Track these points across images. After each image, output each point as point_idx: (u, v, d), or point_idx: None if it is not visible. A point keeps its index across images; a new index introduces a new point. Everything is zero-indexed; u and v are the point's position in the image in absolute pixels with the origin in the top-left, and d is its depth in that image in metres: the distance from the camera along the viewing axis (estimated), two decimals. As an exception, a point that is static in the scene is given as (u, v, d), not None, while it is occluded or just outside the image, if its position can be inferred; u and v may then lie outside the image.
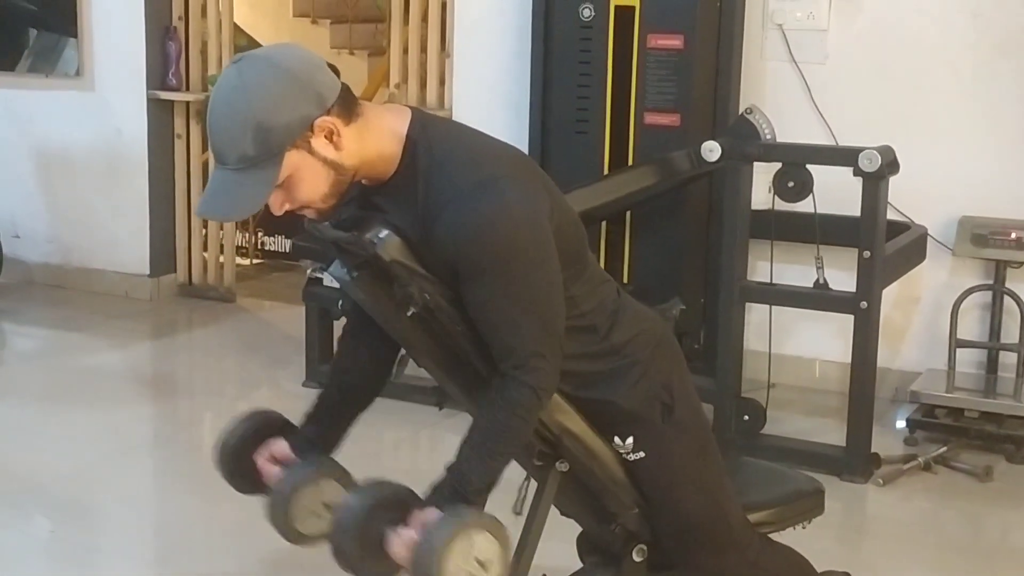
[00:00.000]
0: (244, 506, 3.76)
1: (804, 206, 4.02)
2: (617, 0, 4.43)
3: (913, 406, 4.36)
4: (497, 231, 2.00)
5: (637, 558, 2.37)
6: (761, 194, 4.14)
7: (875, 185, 3.82)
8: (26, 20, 6.19)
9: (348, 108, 2.04)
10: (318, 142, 2.01)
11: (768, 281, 4.19)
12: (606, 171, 4.50)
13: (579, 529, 2.53)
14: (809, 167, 3.96)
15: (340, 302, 4.19)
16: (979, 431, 4.19)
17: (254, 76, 1.98)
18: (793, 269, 4.25)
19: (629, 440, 2.27)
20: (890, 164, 3.87)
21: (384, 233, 2.06)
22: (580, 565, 2.55)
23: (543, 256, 2.06)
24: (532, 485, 2.38)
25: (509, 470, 2.42)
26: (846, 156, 3.89)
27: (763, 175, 4.09)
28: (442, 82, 5.47)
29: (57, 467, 3.99)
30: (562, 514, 2.44)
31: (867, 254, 3.83)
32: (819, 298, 4.03)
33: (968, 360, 4.53)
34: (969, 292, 4.47)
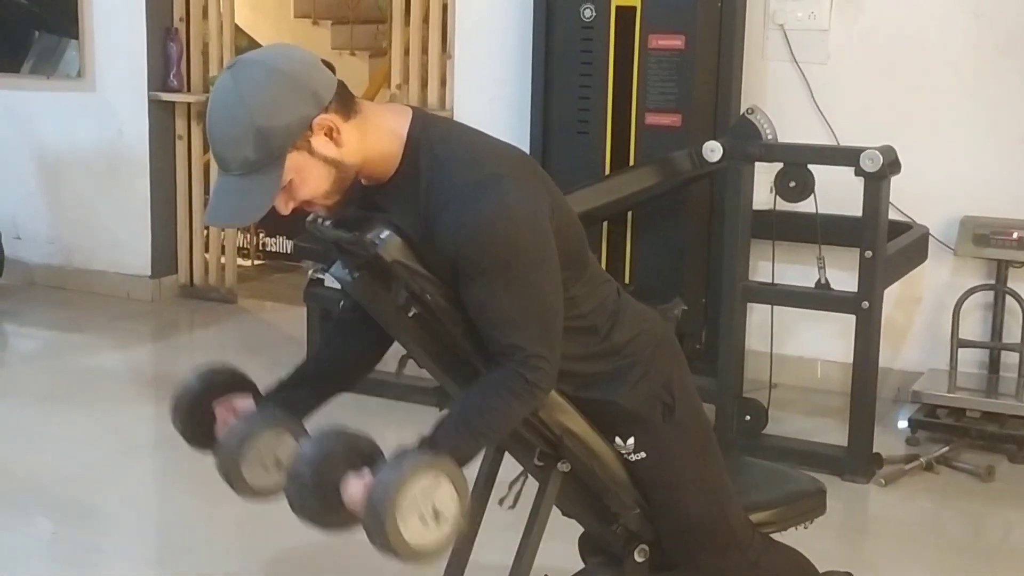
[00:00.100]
0: (245, 506, 3.77)
1: (806, 206, 4.02)
2: (618, 0, 4.43)
3: (915, 406, 4.36)
4: (498, 231, 2.00)
5: (639, 558, 2.37)
6: (763, 194, 4.14)
7: (877, 185, 3.82)
8: (28, 21, 6.20)
9: (346, 104, 2.04)
10: (318, 140, 2.01)
11: (770, 281, 4.19)
12: (607, 171, 4.50)
13: (581, 529, 2.53)
14: (810, 167, 3.95)
15: (341, 303, 4.19)
16: (981, 431, 4.18)
17: (249, 81, 1.97)
18: (795, 269, 4.24)
19: (630, 440, 2.27)
20: (892, 164, 3.86)
21: (385, 233, 2.06)
22: (582, 565, 2.55)
23: (543, 256, 2.06)
24: (527, 481, 2.38)
25: (504, 469, 2.43)
26: (848, 156, 3.89)
27: (764, 175, 4.09)
28: (443, 83, 5.47)
29: (58, 468, 3.99)
30: (564, 514, 2.44)
31: (869, 254, 3.83)
32: (821, 298, 4.03)
33: (970, 360, 4.52)
34: (971, 292, 4.47)
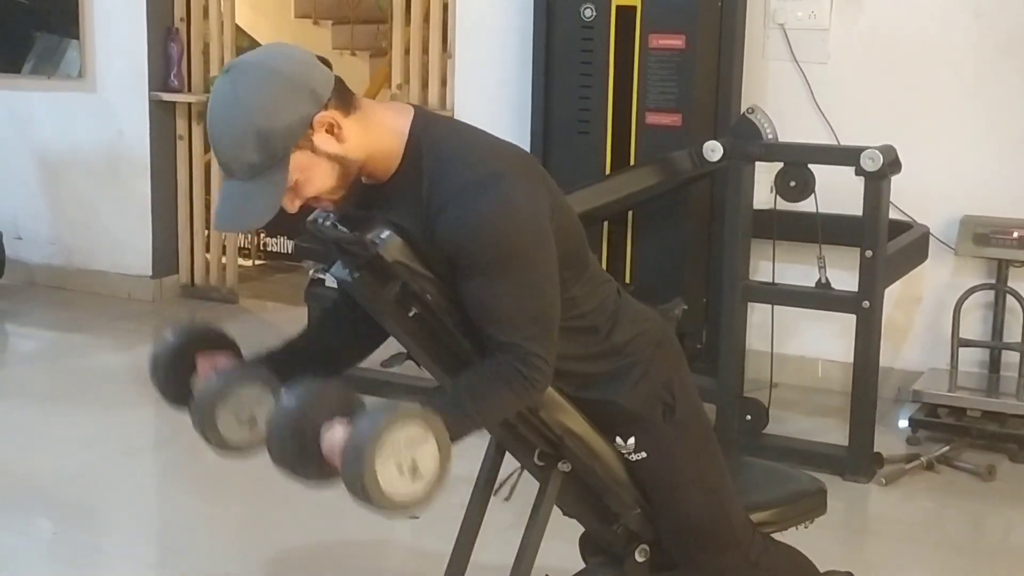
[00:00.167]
0: (246, 507, 3.78)
1: (806, 206, 4.01)
2: (618, 0, 4.43)
3: (915, 405, 4.36)
4: (499, 229, 2.00)
5: (639, 558, 2.37)
6: (763, 194, 4.13)
7: (877, 184, 3.82)
8: (28, 22, 6.19)
9: (345, 100, 2.04)
10: (320, 138, 2.01)
11: (770, 281, 4.19)
12: (608, 171, 4.50)
13: (581, 529, 2.53)
14: (811, 167, 3.95)
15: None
16: (981, 430, 4.18)
17: (246, 84, 1.97)
18: (795, 269, 4.24)
19: (631, 440, 2.27)
20: (892, 163, 3.86)
21: (386, 234, 2.06)
22: (582, 565, 2.55)
23: (543, 256, 2.06)
24: (524, 477, 2.37)
25: (505, 470, 2.43)
26: (848, 155, 3.89)
27: (765, 175, 4.09)
28: (444, 83, 5.47)
29: (59, 468, 3.99)
30: (564, 514, 2.44)
31: (869, 253, 3.83)
32: (821, 298, 4.03)
33: (970, 359, 4.52)
34: (971, 291, 4.47)
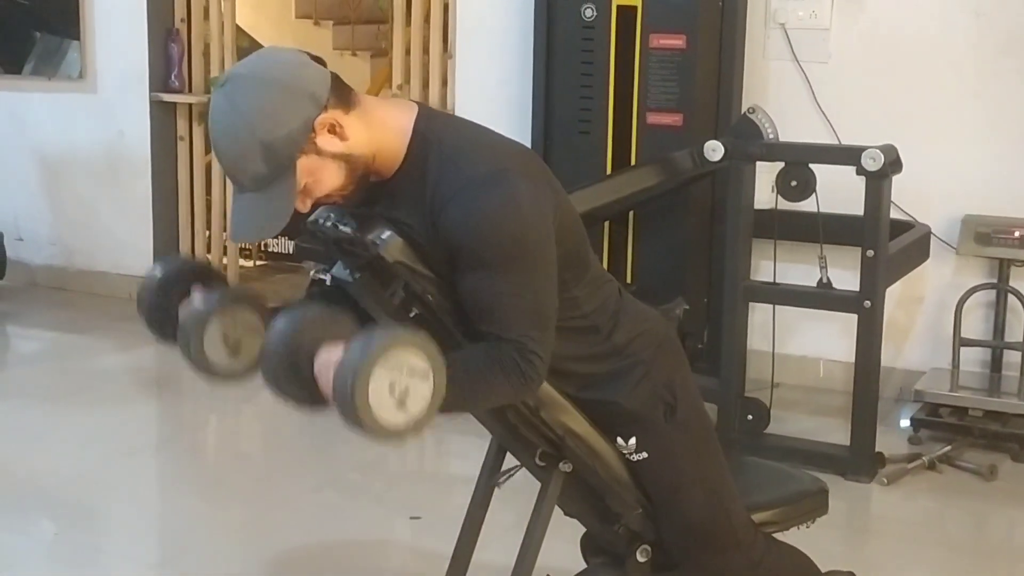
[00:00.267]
0: (247, 508, 3.78)
1: (807, 205, 4.01)
2: (619, 0, 4.43)
3: (917, 405, 4.36)
4: (503, 225, 2.00)
5: (641, 558, 2.37)
6: (764, 193, 4.13)
7: (878, 184, 3.82)
8: (29, 23, 6.20)
9: (344, 97, 2.04)
10: (323, 139, 2.01)
11: (771, 280, 4.19)
12: (609, 171, 4.50)
13: (583, 529, 2.52)
14: (812, 166, 3.95)
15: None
16: (983, 430, 4.18)
17: (243, 97, 1.97)
18: (796, 268, 4.24)
19: (632, 440, 2.27)
20: (893, 163, 3.86)
21: (386, 234, 2.06)
22: (584, 565, 2.55)
23: (544, 255, 2.06)
24: (525, 477, 2.37)
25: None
26: (849, 155, 3.89)
27: (766, 174, 4.08)
28: (444, 83, 5.47)
29: (60, 469, 3.99)
30: (566, 514, 2.44)
31: (870, 253, 3.83)
32: (823, 297, 4.03)
33: (972, 359, 4.52)
34: (973, 291, 4.47)
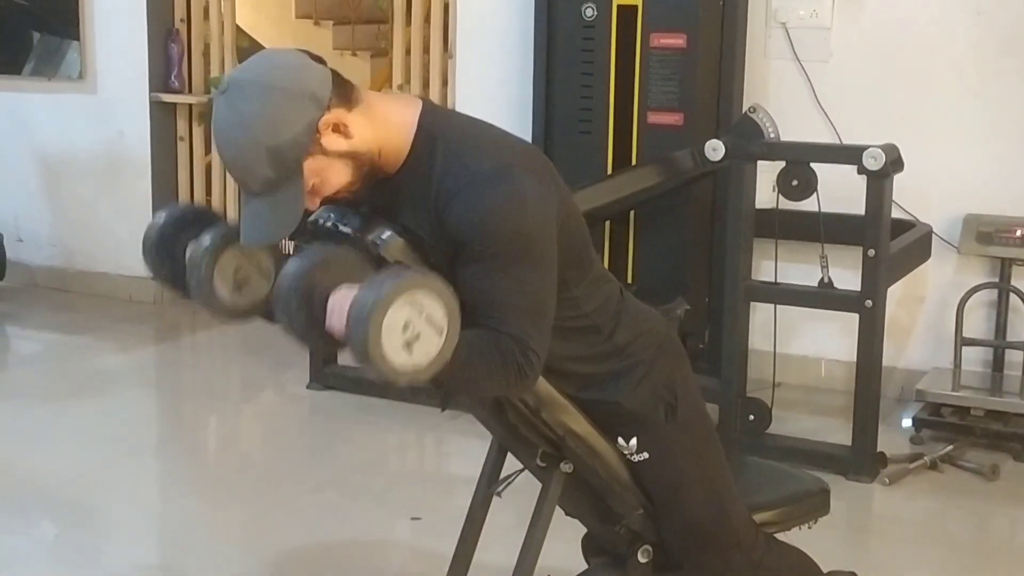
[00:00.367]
0: (248, 508, 3.78)
1: (808, 205, 4.01)
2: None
3: (919, 405, 4.35)
4: (508, 220, 2.00)
5: (642, 559, 2.36)
6: (765, 193, 4.12)
7: (879, 183, 3.81)
8: (28, 23, 6.19)
9: (346, 95, 2.03)
10: (329, 139, 2.00)
11: (772, 280, 4.18)
12: (609, 171, 4.49)
13: (583, 530, 2.52)
14: (813, 165, 3.95)
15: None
16: (985, 429, 4.18)
17: (245, 104, 1.96)
18: (798, 268, 4.23)
19: (633, 441, 2.26)
20: (894, 162, 3.86)
21: (387, 234, 2.05)
22: (585, 566, 2.54)
23: (547, 252, 2.05)
24: (526, 478, 2.37)
25: (507, 470, 2.43)
26: (850, 154, 3.88)
27: (767, 174, 4.08)
28: (445, 83, 5.47)
29: (61, 470, 3.98)
30: (566, 514, 2.44)
31: (872, 253, 3.82)
32: (824, 297, 4.03)
33: (974, 358, 4.51)
34: (974, 290, 4.46)
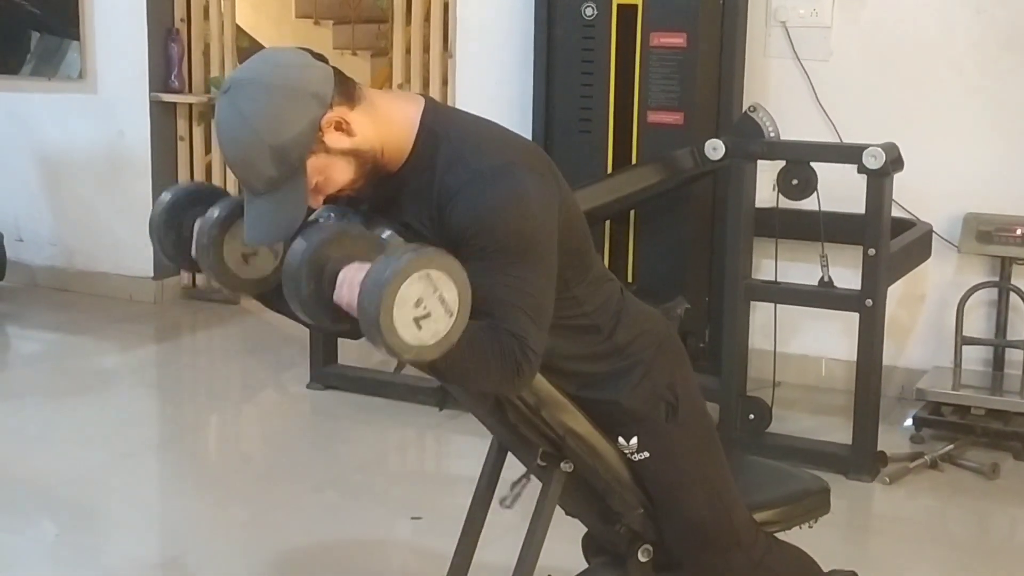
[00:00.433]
0: (248, 508, 3.78)
1: (808, 204, 4.01)
2: (619, -1, 4.43)
3: (919, 404, 4.36)
4: (509, 218, 2.00)
5: (642, 558, 2.36)
6: (765, 192, 4.13)
7: (879, 182, 3.81)
8: (28, 23, 6.19)
9: (348, 93, 2.04)
10: (331, 137, 2.01)
11: (773, 279, 4.18)
12: (610, 170, 4.50)
13: (584, 529, 2.52)
14: (813, 165, 3.95)
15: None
16: (985, 428, 4.17)
17: (248, 104, 1.97)
18: (798, 267, 4.23)
19: (633, 440, 2.26)
20: (894, 161, 3.86)
21: (387, 233, 2.06)
22: (585, 565, 2.54)
23: (547, 251, 2.05)
24: (529, 483, 2.37)
25: (507, 469, 2.43)
26: (850, 153, 3.88)
27: (767, 173, 4.08)
28: (445, 82, 5.48)
29: (61, 470, 3.99)
30: (567, 514, 2.44)
31: (872, 252, 3.82)
32: (824, 296, 4.03)
33: (974, 357, 4.51)
34: (975, 289, 4.46)
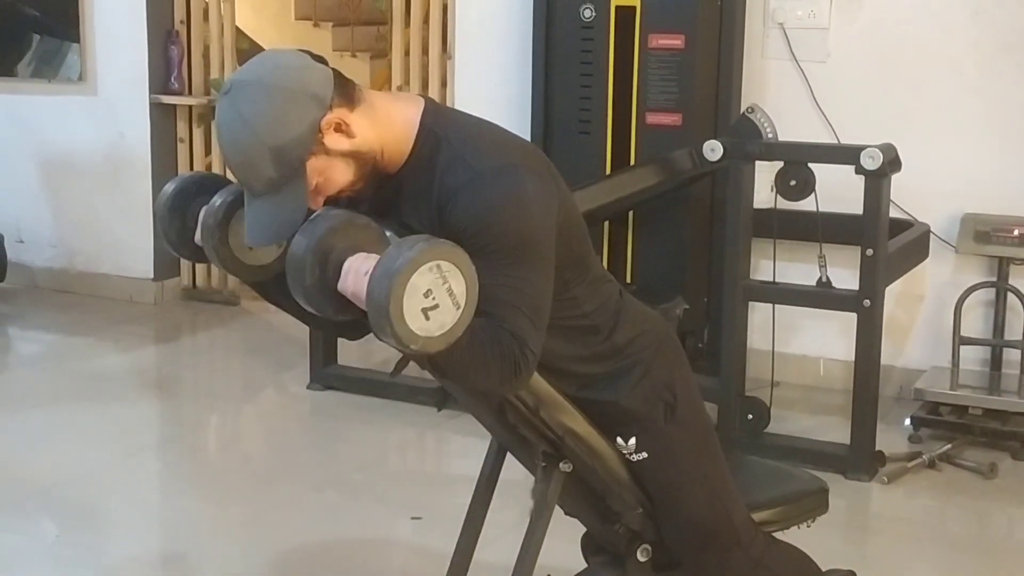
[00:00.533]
0: (249, 508, 3.79)
1: (806, 204, 4.02)
2: (618, 0, 4.43)
3: (917, 404, 4.36)
4: (509, 218, 2.00)
5: (641, 557, 2.37)
6: (763, 193, 4.14)
7: (877, 183, 3.82)
8: (28, 25, 6.20)
9: (348, 94, 2.05)
10: (331, 139, 2.02)
11: (771, 280, 4.20)
12: (608, 171, 4.50)
13: (583, 529, 2.53)
14: (811, 165, 3.96)
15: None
16: (983, 428, 4.18)
17: (248, 105, 1.98)
18: (796, 268, 4.25)
19: (632, 441, 2.27)
20: (892, 162, 3.87)
21: (387, 234, 2.06)
22: (584, 565, 2.55)
23: (546, 251, 2.06)
24: (526, 478, 2.37)
25: (507, 469, 2.44)
26: (848, 154, 3.89)
27: (765, 174, 4.09)
28: (444, 84, 5.48)
29: (62, 470, 3.99)
30: (566, 514, 2.44)
31: (870, 252, 3.83)
32: (822, 296, 4.04)
33: (972, 357, 4.52)
34: (972, 289, 4.47)
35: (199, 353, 5.69)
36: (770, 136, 4.13)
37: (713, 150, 4.07)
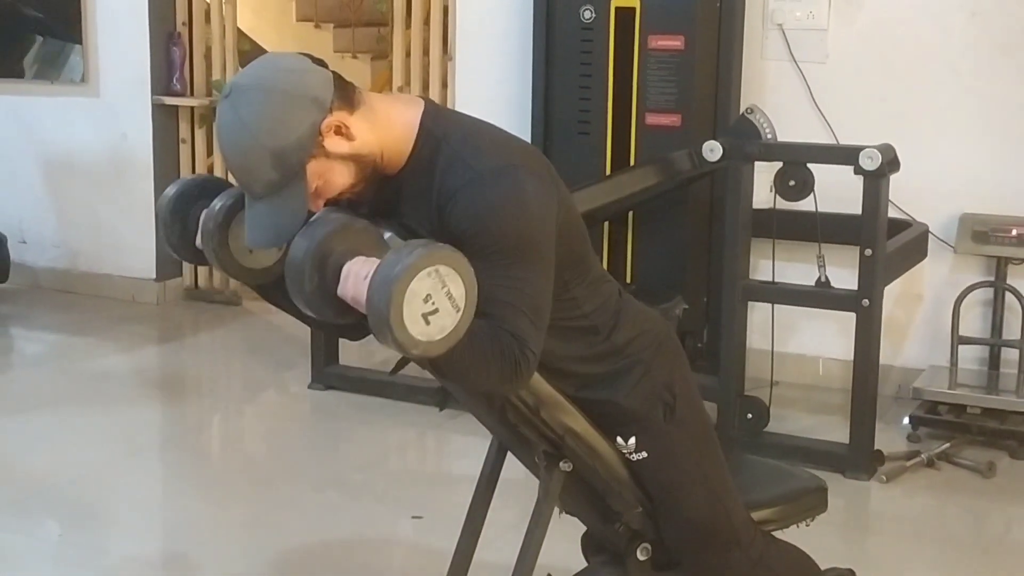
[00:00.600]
0: (250, 508, 3.80)
1: (805, 205, 4.03)
2: (617, 2, 4.44)
3: (916, 403, 4.37)
4: (508, 219, 2.01)
5: (641, 556, 2.38)
6: (762, 193, 4.15)
7: (876, 183, 3.83)
8: (31, 27, 6.22)
9: (347, 97, 2.05)
10: (331, 141, 2.02)
11: (770, 280, 4.21)
12: (608, 172, 4.51)
13: (583, 528, 2.54)
14: (810, 166, 3.97)
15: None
16: (982, 427, 4.19)
17: (248, 108, 1.98)
18: (795, 267, 4.26)
19: (631, 440, 2.28)
20: (891, 162, 3.88)
21: (387, 236, 2.07)
22: (584, 564, 2.56)
23: (546, 252, 2.07)
24: (526, 478, 2.39)
25: (507, 468, 2.46)
26: (847, 155, 3.90)
27: (764, 174, 4.10)
28: (445, 85, 5.50)
29: (64, 470, 4.01)
30: (567, 512, 2.45)
31: (868, 252, 3.84)
32: (821, 296, 4.05)
33: (970, 357, 4.54)
34: (971, 289, 4.48)
35: (201, 353, 5.70)
36: (769, 136, 4.14)
37: (712, 150, 4.08)
